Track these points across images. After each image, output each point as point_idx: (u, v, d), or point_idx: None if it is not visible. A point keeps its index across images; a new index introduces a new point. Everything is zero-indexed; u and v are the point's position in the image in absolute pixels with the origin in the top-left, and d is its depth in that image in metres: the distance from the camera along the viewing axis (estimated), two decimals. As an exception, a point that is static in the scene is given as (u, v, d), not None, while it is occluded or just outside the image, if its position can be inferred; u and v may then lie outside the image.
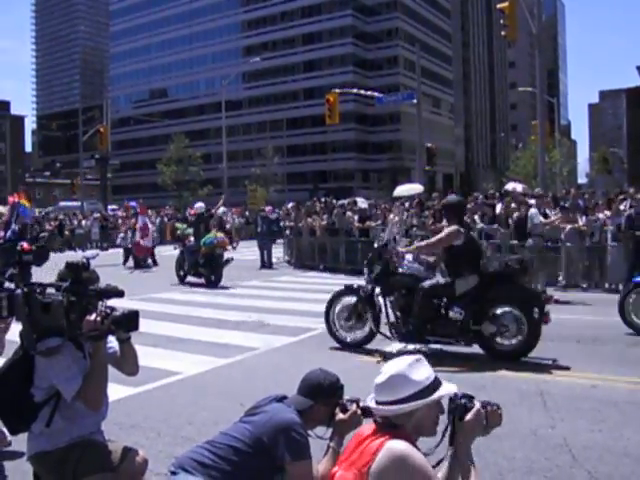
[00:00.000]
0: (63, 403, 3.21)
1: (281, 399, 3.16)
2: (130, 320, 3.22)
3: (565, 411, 5.53)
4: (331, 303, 8.68)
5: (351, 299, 8.53)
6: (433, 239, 8.36)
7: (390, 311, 8.19)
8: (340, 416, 3.10)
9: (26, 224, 12.71)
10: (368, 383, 2.74)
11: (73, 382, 3.17)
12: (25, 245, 16.25)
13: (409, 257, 8.71)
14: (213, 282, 15.66)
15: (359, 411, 3.08)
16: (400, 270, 8.30)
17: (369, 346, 8.31)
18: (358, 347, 8.27)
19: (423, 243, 8.65)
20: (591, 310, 11.46)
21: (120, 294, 3.33)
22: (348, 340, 8.45)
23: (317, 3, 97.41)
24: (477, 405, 2.70)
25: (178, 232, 18.36)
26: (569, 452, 4.60)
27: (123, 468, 3.24)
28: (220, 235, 16.42)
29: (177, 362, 7.58)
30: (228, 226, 25.30)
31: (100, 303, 3.25)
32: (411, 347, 7.93)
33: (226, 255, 16.24)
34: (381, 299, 8.33)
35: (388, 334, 8.11)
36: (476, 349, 7.75)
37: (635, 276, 9.77)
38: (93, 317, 3.12)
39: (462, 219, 8.25)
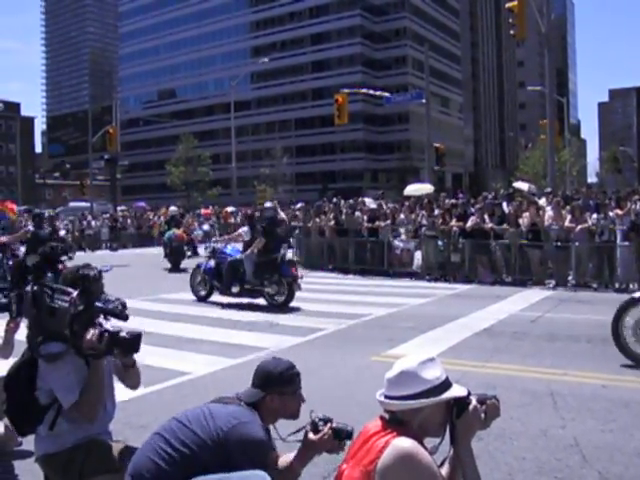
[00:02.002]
0: None
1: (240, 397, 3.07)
2: (132, 343, 3.19)
3: (576, 411, 5.51)
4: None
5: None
6: None
7: None
8: (310, 436, 2.97)
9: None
10: (379, 382, 2.73)
11: (70, 393, 3.18)
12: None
13: None
14: (175, 267, 20.15)
15: (330, 432, 2.96)
16: None
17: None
18: None
19: None
20: (601, 310, 11.40)
21: (123, 318, 3.34)
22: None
23: (325, 3, 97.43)
24: (474, 401, 2.69)
25: (160, 229, 25.31)
26: (580, 452, 4.58)
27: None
28: (177, 231, 20.99)
29: (187, 362, 7.60)
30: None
31: (104, 321, 3.27)
32: None
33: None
34: None
35: None
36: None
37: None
38: (90, 335, 3.10)
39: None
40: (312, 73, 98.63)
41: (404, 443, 2.50)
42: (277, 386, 3.00)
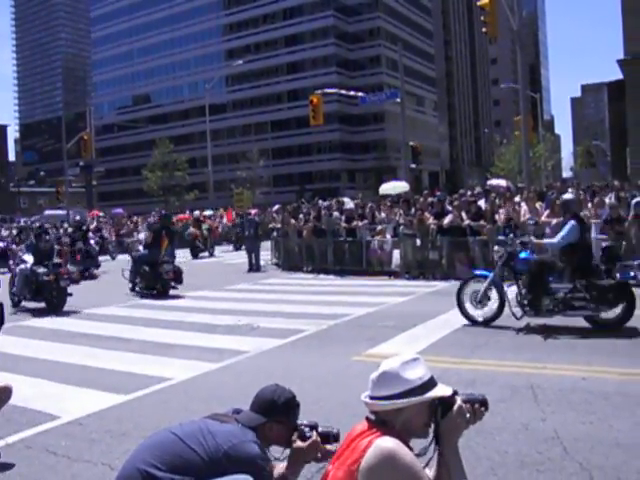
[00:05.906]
0: None
1: (237, 413, 3.08)
2: None
3: (556, 404, 5.55)
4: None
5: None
6: None
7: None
8: (298, 443, 2.99)
9: None
10: (360, 382, 2.73)
11: None
12: None
13: None
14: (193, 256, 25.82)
15: (318, 438, 2.99)
16: None
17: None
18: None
19: None
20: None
21: None
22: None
23: (298, 4, 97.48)
24: (459, 401, 2.68)
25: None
26: (560, 444, 4.61)
27: None
28: (192, 229, 26.22)
29: (168, 368, 7.55)
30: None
31: None
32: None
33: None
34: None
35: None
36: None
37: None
38: None
39: None
40: (287, 75, 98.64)
41: (386, 443, 2.50)
42: (279, 415, 3.00)
